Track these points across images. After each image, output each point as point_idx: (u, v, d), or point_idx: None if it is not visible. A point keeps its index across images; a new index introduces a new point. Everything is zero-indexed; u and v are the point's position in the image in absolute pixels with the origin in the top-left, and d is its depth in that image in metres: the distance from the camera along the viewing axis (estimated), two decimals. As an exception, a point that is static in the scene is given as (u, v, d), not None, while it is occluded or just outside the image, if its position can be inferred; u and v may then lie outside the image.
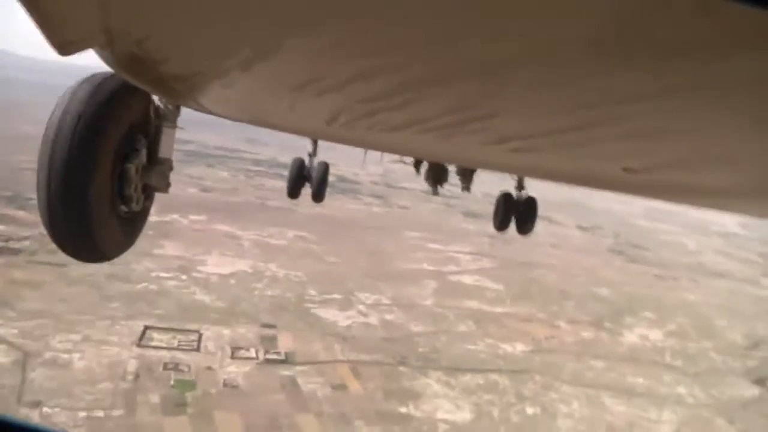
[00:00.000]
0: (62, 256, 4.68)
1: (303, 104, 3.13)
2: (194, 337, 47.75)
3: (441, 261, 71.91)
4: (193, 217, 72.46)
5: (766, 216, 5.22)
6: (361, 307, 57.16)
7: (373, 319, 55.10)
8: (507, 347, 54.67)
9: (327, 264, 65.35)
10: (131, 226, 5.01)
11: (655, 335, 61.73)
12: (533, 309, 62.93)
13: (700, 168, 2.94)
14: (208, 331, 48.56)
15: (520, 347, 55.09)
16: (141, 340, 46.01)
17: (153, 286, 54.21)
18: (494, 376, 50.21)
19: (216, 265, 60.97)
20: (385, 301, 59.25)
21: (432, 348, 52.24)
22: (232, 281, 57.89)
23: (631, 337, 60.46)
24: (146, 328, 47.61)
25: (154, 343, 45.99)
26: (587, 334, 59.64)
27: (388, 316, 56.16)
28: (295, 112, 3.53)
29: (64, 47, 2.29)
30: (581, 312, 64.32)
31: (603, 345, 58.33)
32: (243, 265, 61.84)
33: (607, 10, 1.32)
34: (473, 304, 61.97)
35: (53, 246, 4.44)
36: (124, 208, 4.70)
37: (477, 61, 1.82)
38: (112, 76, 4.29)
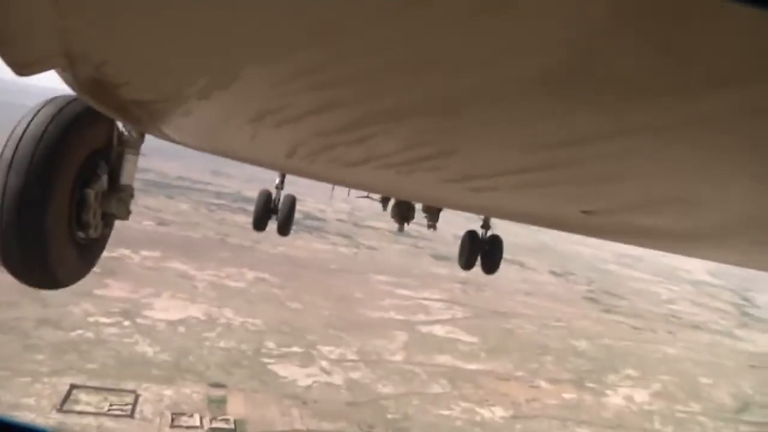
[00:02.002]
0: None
1: (262, 135, 3.05)
2: (129, 399, 39.89)
3: (411, 309, 64.91)
4: (145, 253, 64.60)
5: (727, 261, 5.11)
6: (324, 363, 49.78)
7: (337, 378, 47.71)
8: (485, 412, 47.77)
9: (288, 311, 57.91)
10: (88, 253, 4.78)
11: (641, 396, 55.42)
12: (510, 365, 56.26)
13: (658, 212, 2.88)
14: (147, 392, 40.81)
15: (499, 412, 48.19)
16: (64, 404, 38.09)
17: (89, 334, 46.32)
18: (472, 449, 43.32)
19: (164, 309, 53.24)
20: (351, 356, 51.96)
21: (403, 414, 45.05)
22: (181, 329, 50.24)
23: (615, 399, 54.03)
24: (72, 387, 39.65)
25: (79, 407, 38.09)
26: (569, 395, 53.05)
27: (354, 375, 48.83)
28: (255, 143, 3.39)
29: (22, 68, 2.25)
30: (561, 369, 57.85)
31: (587, 408, 51.79)
32: (195, 311, 54.22)
33: (566, 50, 1.31)
34: (446, 359, 55.01)
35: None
36: (81, 234, 4.51)
37: (433, 98, 1.80)
38: (75, 99, 4.10)
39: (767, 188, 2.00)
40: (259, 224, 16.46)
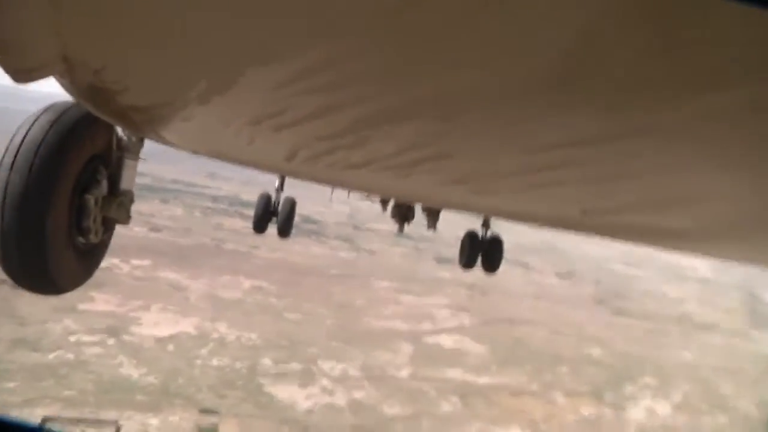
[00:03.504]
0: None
1: (262, 139, 3.04)
2: (109, 430, 34.78)
3: (416, 317, 59.90)
4: (135, 262, 59.32)
5: (729, 258, 4.97)
6: (325, 381, 44.76)
7: (340, 399, 42.77)
8: (500, 433, 42.89)
9: (287, 323, 52.90)
10: (89, 258, 4.74)
11: (663, 409, 50.71)
12: (524, 378, 51.38)
13: (660, 210, 2.85)
14: (130, 421, 35.75)
15: (516, 433, 43.33)
16: (35, 440, 32.92)
17: (69, 356, 41.28)
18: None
19: (153, 324, 48.23)
20: (354, 372, 46.97)
21: (412, 439, 40.12)
22: (170, 347, 45.23)
23: (637, 413, 49.31)
24: (45, 420, 34.25)
25: (52, 444, 32.91)
26: (588, 410, 48.24)
27: (358, 394, 43.87)
28: (255, 147, 3.34)
29: (20, 75, 2.23)
30: (577, 380, 53.00)
31: (608, 425, 47.12)
32: (186, 325, 49.20)
33: (564, 51, 1.32)
34: (456, 373, 50.06)
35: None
36: (81, 240, 4.47)
37: (432, 100, 1.80)
38: (74, 105, 4.11)
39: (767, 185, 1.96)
40: (259, 227, 16.29)
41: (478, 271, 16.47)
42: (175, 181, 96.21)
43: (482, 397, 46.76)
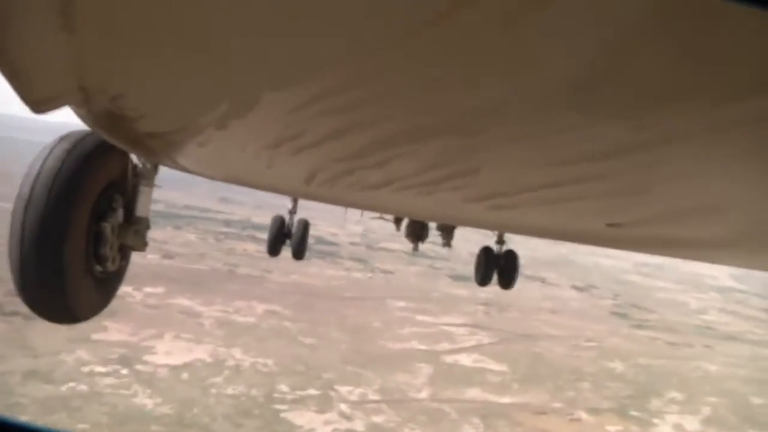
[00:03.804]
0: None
1: (280, 163, 3.00)
2: (124, 465, 33.94)
3: (433, 337, 58.65)
4: (148, 290, 58.70)
5: (754, 266, 4.99)
6: (343, 406, 43.51)
7: (359, 425, 41.47)
8: (525, 455, 41.43)
9: (302, 347, 51.85)
10: (106, 286, 4.72)
11: (692, 425, 48.88)
12: (546, 396, 49.86)
13: (686, 221, 2.82)
14: (145, 454, 34.78)
15: (541, 454, 41.84)
16: (48, 478, 31.97)
17: (82, 387, 40.41)
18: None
19: (167, 353, 47.36)
20: (373, 395, 45.70)
21: (434, 464, 38.79)
22: (185, 375, 44.26)
23: (665, 429, 47.59)
24: (59, 456, 33.61)
25: (65, 482, 31.97)
26: (614, 427, 46.57)
27: (377, 418, 42.58)
28: (273, 170, 3.37)
29: (38, 105, 2.23)
30: (600, 396, 51.41)
31: (636, 442, 45.32)
32: (201, 352, 48.28)
33: (585, 64, 1.32)
34: (476, 393, 48.66)
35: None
36: (99, 267, 4.46)
37: (454, 118, 1.79)
38: (90, 134, 4.09)
39: None
40: (274, 249, 16.28)
41: (494, 288, 16.30)
42: (187, 206, 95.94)
43: (504, 417, 45.32)
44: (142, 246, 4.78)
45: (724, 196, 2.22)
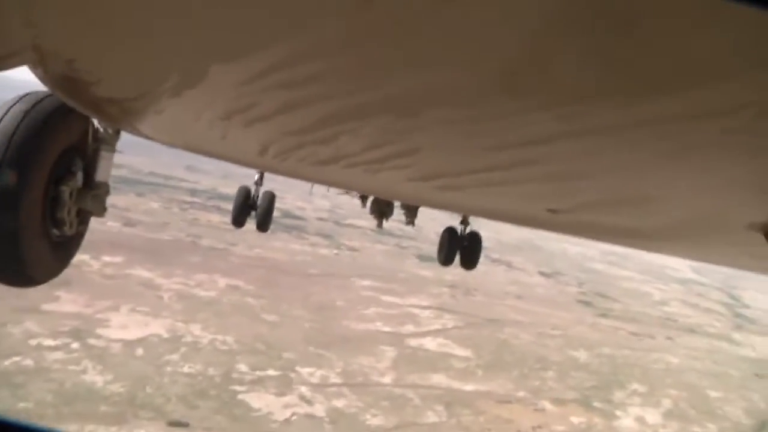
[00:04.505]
0: None
1: (233, 134, 3.04)
2: (68, 447, 31.57)
3: (398, 319, 57.01)
4: (106, 259, 55.86)
5: (691, 258, 5.26)
6: (303, 389, 41.56)
7: (320, 409, 39.59)
8: (488, 445, 40.13)
9: (264, 324, 49.73)
10: (63, 250, 4.68)
11: (653, 417, 48.30)
12: (510, 384, 48.71)
13: (620, 210, 2.83)
14: (91, 436, 32.47)
15: (504, 445, 40.61)
16: (-16, 459, 29.56)
17: (28, 362, 37.71)
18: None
19: (122, 326, 44.87)
20: (334, 378, 43.84)
21: (395, 453, 37.22)
22: (140, 351, 41.90)
23: (627, 422, 46.82)
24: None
25: (3, 463, 29.57)
26: (578, 418, 45.67)
27: (338, 403, 40.77)
28: (228, 141, 3.37)
29: None
30: (564, 386, 50.51)
31: (599, 435, 44.45)
32: (157, 327, 45.89)
33: (522, 50, 1.34)
34: (440, 379, 47.17)
35: None
36: (56, 231, 4.41)
37: (395, 98, 1.81)
38: (49, 95, 4.04)
39: (724, 188, 1.98)
40: (238, 221, 16.09)
41: (460, 270, 16.35)
42: (152, 173, 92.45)
43: (468, 405, 43.95)
44: (101, 211, 4.72)
45: (656, 188, 2.20)
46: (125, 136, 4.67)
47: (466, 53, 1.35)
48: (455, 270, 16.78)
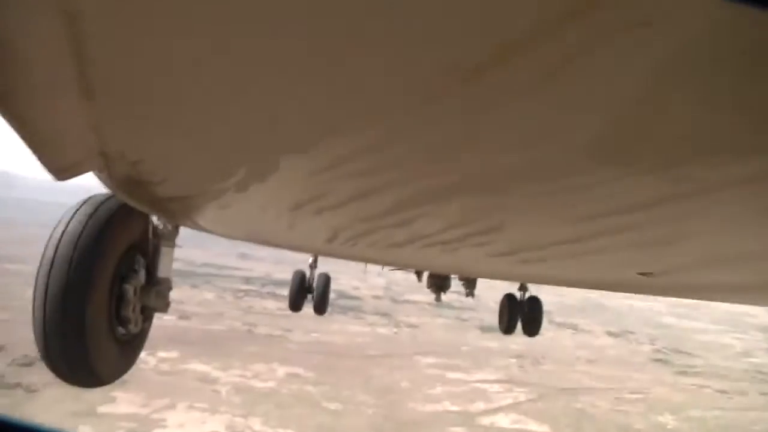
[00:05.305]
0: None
1: (302, 223, 2.98)
2: None
3: (466, 396, 53.28)
4: (162, 355, 54.14)
5: None
6: (373, 482, 38.31)
7: (392, 504, 36.20)
8: None
9: (326, 414, 46.79)
10: (129, 348, 4.71)
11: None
12: (596, 459, 44.19)
13: (718, 268, 2.69)
14: None
15: None
16: None
17: (83, 471, 35.67)
18: None
19: (179, 425, 42.65)
20: (405, 467, 40.42)
21: None
22: (199, 452, 39.41)
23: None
24: None
25: None
26: (678, 495, 40.71)
27: (412, 495, 37.26)
28: (295, 230, 3.32)
29: (61, 173, 2.18)
30: (656, 457, 45.61)
31: None
32: (216, 424, 43.50)
33: (609, 116, 1.27)
34: (519, 459, 43.13)
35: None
36: (121, 330, 4.45)
37: (477, 178, 1.74)
38: (111, 196, 4.07)
39: None
40: (296, 305, 15.94)
41: (526, 339, 15.97)
42: (206, 264, 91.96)
43: (553, 488, 39.77)
44: (164, 307, 4.71)
45: (759, 244, 2.06)
46: (180, 231, 4.62)
47: (550, 128, 1.26)
48: (520, 338, 16.21)
